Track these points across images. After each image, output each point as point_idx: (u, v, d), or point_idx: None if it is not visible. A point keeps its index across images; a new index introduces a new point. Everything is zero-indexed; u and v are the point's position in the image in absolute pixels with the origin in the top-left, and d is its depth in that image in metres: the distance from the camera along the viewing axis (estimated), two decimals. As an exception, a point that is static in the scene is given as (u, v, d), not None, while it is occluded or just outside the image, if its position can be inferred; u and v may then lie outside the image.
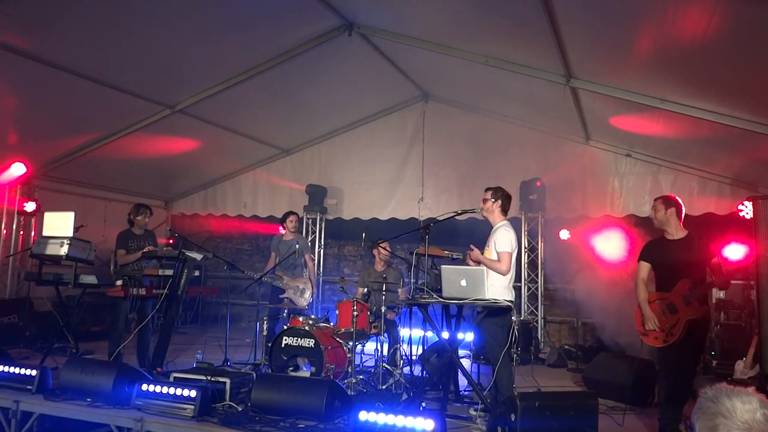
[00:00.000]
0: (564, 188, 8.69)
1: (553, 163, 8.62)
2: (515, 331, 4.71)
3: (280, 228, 7.92)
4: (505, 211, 5.23)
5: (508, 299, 4.89)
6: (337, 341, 6.14)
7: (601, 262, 8.04)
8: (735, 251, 6.86)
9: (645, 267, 4.83)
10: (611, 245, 7.95)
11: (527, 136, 8.70)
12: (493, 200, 5.19)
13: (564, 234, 8.60)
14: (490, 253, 5.03)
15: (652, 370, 5.76)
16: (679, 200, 4.75)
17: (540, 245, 9.32)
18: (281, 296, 7.39)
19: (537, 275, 9.29)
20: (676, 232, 4.69)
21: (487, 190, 5.28)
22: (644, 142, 7.94)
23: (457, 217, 5.57)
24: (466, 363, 5.96)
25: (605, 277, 7.82)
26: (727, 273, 4.58)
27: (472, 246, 5.10)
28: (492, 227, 5.20)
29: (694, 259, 4.57)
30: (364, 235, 6.39)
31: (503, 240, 5.00)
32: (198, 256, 6.03)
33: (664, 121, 6.64)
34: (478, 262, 5.06)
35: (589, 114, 7.53)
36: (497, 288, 4.93)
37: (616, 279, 7.50)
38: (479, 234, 9.05)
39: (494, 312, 4.88)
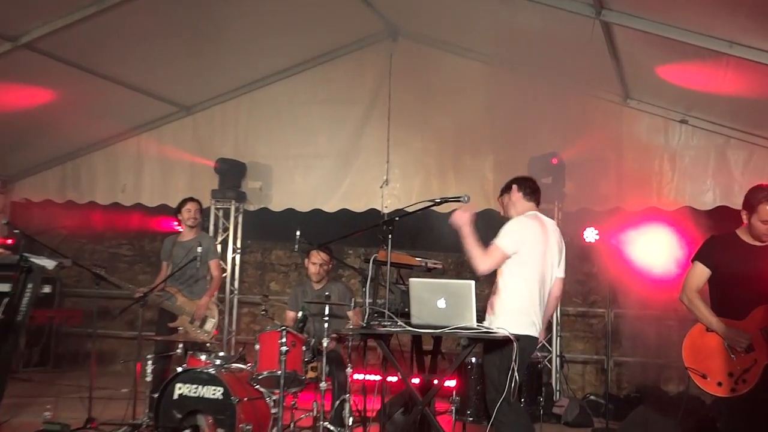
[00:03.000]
0: (592, 169, 8.71)
1: (576, 132, 8.62)
2: (515, 370, 4.66)
3: (175, 223, 7.87)
4: (529, 195, 5.33)
5: (519, 332, 4.83)
6: (257, 390, 6.15)
7: (644, 276, 8.08)
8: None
9: (702, 272, 4.87)
10: (659, 252, 7.94)
11: (539, 94, 8.59)
12: (507, 193, 5.35)
13: (590, 234, 8.43)
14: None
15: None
16: None
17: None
18: (172, 325, 7.35)
19: (551, 293, 9.32)
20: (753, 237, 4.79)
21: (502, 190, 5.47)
22: (706, 102, 7.96)
23: (436, 209, 5.65)
24: (446, 421, 5.90)
25: (650, 296, 7.87)
26: None
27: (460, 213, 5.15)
28: None
29: None
30: (298, 234, 6.38)
31: (503, 230, 5.09)
32: (50, 264, 6.07)
33: (733, 72, 6.70)
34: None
35: (627, 61, 7.58)
36: (503, 315, 4.94)
37: (665, 300, 7.38)
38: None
39: (491, 344, 4.89)
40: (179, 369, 6.21)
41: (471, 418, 6.44)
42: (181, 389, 5.98)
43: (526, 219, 5.14)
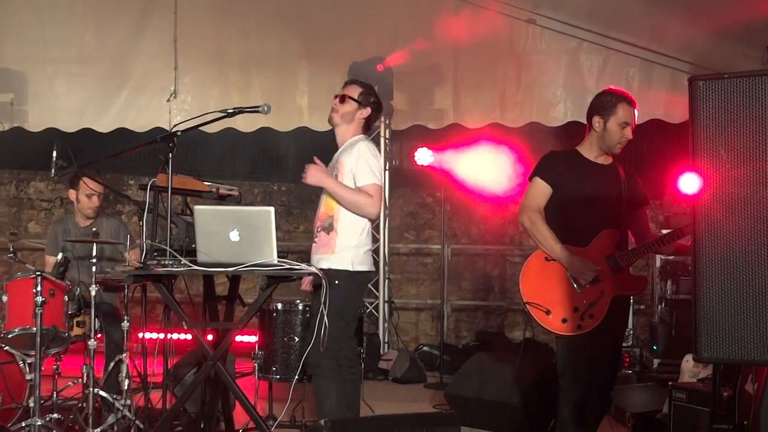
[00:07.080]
0: (425, 78, 8.74)
1: (405, 33, 8.63)
2: (324, 318, 4.63)
3: None
4: (368, 126, 5.38)
5: (363, 269, 5.04)
6: (7, 353, 5.84)
7: (487, 206, 8.34)
8: (691, 183, 7.28)
9: (543, 189, 4.80)
10: (503, 178, 8.06)
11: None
12: (361, 104, 5.21)
13: (423, 156, 8.48)
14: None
15: (554, 378, 5.55)
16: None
17: (383, 175, 9.19)
18: None
19: (378, 227, 9.06)
20: (599, 152, 4.83)
21: (351, 83, 5.35)
22: (556, -1, 8.11)
23: (240, 128, 5.85)
24: (246, 383, 6.09)
25: (493, 230, 8.12)
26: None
27: (315, 159, 5.04)
28: (340, 144, 5.25)
29: (627, 199, 4.77)
30: (54, 155, 5.90)
31: (369, 165, 5.04)
32: None
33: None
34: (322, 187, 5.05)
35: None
36: (349, 250, 4.99)
37: (510, 234, 7.87)
38: (275, 152, 9.00)
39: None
40: None
41: (278, 376, 6.13)
42: None
43: (372, 146, 5.25)
